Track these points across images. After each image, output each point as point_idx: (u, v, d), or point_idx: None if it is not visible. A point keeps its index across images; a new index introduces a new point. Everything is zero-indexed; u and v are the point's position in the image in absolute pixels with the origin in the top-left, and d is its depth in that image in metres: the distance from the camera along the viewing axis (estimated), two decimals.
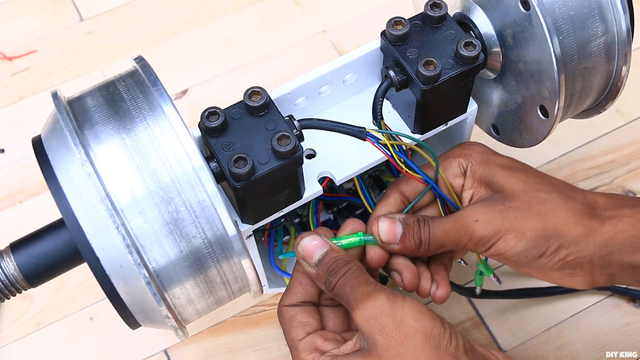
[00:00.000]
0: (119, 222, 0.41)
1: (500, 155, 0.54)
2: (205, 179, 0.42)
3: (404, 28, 0.50)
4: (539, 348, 0.65)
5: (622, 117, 0.77)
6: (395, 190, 0.53)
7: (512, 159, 0.54)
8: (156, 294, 0.42)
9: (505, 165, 0.52)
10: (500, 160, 0.53)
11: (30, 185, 0.75)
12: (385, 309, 0.45)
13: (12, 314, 0.68)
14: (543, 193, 0.50)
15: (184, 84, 0.82)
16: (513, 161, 0.53)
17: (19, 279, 0.46)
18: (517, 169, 0.52)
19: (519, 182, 0.50)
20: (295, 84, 0.52)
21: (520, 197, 0.49)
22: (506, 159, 0.53)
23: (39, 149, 0.45)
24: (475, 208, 0.50)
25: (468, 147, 0.54)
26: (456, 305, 0.67)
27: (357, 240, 0.50)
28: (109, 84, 0.46)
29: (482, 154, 0.53)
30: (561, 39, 0.47)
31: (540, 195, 0.49)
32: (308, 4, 0.87)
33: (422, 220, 0.51)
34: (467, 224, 0.49)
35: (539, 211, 0.49)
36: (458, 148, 0.54)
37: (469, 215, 0.50)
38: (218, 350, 0.66)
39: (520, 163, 0.53)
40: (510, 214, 0.49)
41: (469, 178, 0.52)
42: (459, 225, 0.50)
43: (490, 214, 0.49)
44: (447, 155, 0.54)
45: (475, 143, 0.54)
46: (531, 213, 0.49)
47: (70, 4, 0.88)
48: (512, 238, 0.49)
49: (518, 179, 0.51)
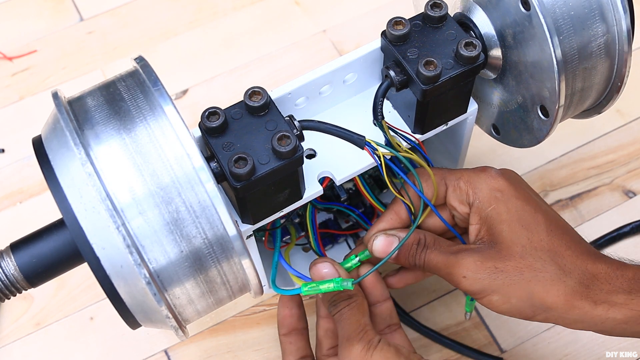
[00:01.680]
0: (120, 222, 0.41)
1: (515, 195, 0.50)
2: (206, 179, 0.42)
3: (404, 28, 0.50)
4: (539, 348, 0.65)
5: (622, 117, 0.77)
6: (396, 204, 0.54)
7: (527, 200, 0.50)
8: (156, 294, 0.42)
9: (516, 215, 0.50)
10: (513, 205, 0.50)
11: (30, 185, 0.75)
12: (358, 358, 0.50)
13: (12, 314, 0.68)
14: (539, 263, 0.48)
15: (184, 84, 0.82)
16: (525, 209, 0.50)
17: (19, 279, 0.46)
18: (525, 224, 0.49)
19: (520, 243, 0.49)
20: (296, 84, 0.52)
21: (515, 261, 0.48)
22: (519, 204, 0.50)
23: (39, 149, 0.45)
24: (466, 263, 0.49)
25: (485, 178, 0.51)
26: (456, 306, 0.67)
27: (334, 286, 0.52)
28: (109, 84, 0.46)
29: (494, 191, 0.50)
30: (561, 39, 0.47)
31: (536, 264, 0.48)
32: (308, 4, 0.87)
33: (422, 245, 0.52)
34: (456, 275, 0.50)
35: (530, 281, 0.48)
36: (475, 174, 0.52)
37: (459, 266, 0.49)
38: (218, 350, 0.66)
39: (532, 213, 0.50)
40: (499, 277, 0.48)
41: (474, 214, 0.51)
42: (448, 272, 0.50)
43: (479, 274, 0.49)
44: (461, 175, 0.52)
45: (497, 175, 0.51)
46: (521, 281, 0.48)
47: (70, 4, 0.88)
48: (497, 300, 0.49)
49: (521, 238, 0.49)
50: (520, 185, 0.52)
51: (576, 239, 0.50)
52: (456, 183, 0.52)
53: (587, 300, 0.48)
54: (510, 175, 0.52)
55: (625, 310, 0.47)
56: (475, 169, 0.53)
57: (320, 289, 0.52)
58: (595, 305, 0.48)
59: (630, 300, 0.47)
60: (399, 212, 0.54)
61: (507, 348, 0.65)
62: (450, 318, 0.67)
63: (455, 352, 0.65)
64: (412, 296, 0.68)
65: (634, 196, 0.72)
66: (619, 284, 0.48)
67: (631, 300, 0.47)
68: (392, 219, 0.54)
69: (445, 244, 0.52)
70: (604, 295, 0.48)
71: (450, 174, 0.53)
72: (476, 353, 0.64)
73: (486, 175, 0.51)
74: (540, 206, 0.50)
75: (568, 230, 0.51)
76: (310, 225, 0.57)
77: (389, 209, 0.54)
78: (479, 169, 0.52)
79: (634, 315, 0.48)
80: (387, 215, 0.54)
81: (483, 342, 0.65)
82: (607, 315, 0.48)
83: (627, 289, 0.48)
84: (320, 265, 0.53)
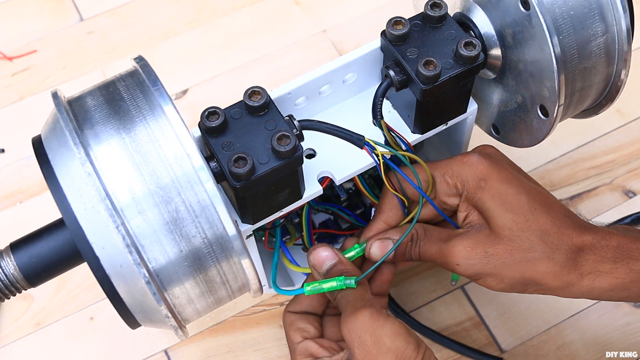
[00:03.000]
0: (119, 222, 0.41)
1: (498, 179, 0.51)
2: (205, 179, 0.42)
3: (404, 28, 0.50)
4: (539, 348, 0.65)
5: (622, 117, 0.77)
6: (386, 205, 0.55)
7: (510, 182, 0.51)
8: (156, 294, 0.42)
9: (499, 200, 0.51)
10: (496, 190, 0.51)
11: (30, 185, 0.75)
12: (366, 325, 0.49)
13: (12, 314, 0.68)
14: (527, 243, 0.50)
15: (184, 84, 0.82)
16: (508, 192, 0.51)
17: (19, 278, 0.46)
18: (509, 207, 0.51)
19: (506, 226, 0.50)
20: (295, 84, 0.52)
21: (504, 244, 0.50)
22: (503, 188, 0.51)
23: (39, 148, 0.45)
24: (458, 251, 0.51)
25: (469, 167, 0.52)
26: (456, 305, 0.67)
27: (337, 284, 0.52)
28: (109, 83, 0.46)
29: (479, 181, 0.51)
30: (561, 38, 0.47)
31: (523, 245, 0.50)
32: (308, 4, 0.87)
33: (415, 239, 0.53)
34: (450, 263, 0.52)
35: (519, 262, 0.50)
36: (458, 166, 0.52)
37: (452, 255, 0.51)
38: (218, 350, 0.66)
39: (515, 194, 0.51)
40: (490, 261, 0.50)
41: (463, 203, 0.53)
42: (443, 261, 0.52)
43: (471, 259, 0.51)
44: (445, 170, 0.53)
45: (478, 162, 0.52)
46: (512, 263, 0.50)
47: (70, 4, 0.88)
48: (491, 280, 0.51)
49: (506, 222, 0.50)
50: (502, 165, 0.52)
51: (561, 213, 0.52)
52: (442, 179, 0.53)
53: (575, 273, 0.50)
54: (492, 156, 0.53)
55: (611, 279, 0.50)
56: (457, 158, 0.53)
57: (323, 287, 0.52)
58: (582, 276, 0.50)
59: (615, 269, 0.50)
60: (389, 214, 0.55)
61: (507, 348, 0.65)
62: (450, 318, 0.67)
63: (455, 352, 0.65)
64: (412, 296, 0.68)
65: (634, 196, 0.72)
66: (604, 254, 0.50)
67: (616, 269, 0.50)
68: (381, 228, 0.55)
69: (435, 233, 0.53)
70: (591, 266, 0.50)
71: (435, 169, 0.53)
72: (476, 353, 0.64)
73: (469, 166, 0.52)
74: (522, 186, 0.51)
75: (552, 205, 0.52)
76: (305, 224, 0.57)
77: (379, 212, 0.55)
78: (461, 159, 0.53)
79: (618, 283, 0.50)
80: (378, 218, 0.55)
81: (483, 342, 0.65)
82: (594, 285, 0.50)
83: (612, 258, 0.50)
84: (320, 249, 0.53)
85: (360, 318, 0.49)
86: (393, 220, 0.55)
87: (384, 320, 0.49)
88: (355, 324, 0.49)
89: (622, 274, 0.50)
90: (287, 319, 0.55)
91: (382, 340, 0.48)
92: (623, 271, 0.50)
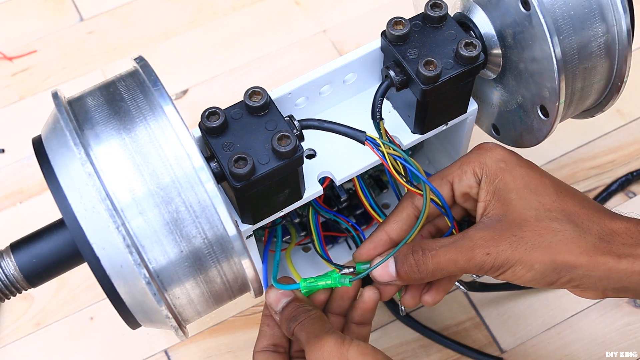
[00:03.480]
0: (119, 222, 0.41)
1: (518, 163, 0.50)
2: (206, 179, 0.42)
3: (404, 28, 0.50)
4: (539, 348, 0.65)
5: (622, 117, 0.77)
6: (410, 204, 0.52)
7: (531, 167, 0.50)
8: (156, 294, 0.42)
9: (522, 181, 0.49)
10: (518, 172, 0.49)
11: (30, 185, 0.75)
12: (333, 351, 0.48)
13: (12, 314, 0.68)
14: (556, 223, 0.47)
15: (184, 84, 0.82)
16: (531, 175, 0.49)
17: (19, 279, 0.46)
18: (533, 189, 0.48)
19: (532, 207, 0.48)
20: (296, 84, 0.52)
21: (532, 226, 0.47)
22: (524, 171, 0.49)
23: (39, 149, 0.45)
24: (485, 240, 0.47)
25: (485, 152, 0.50)
26: (456, 305, 0.67)
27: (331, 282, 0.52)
28: (109, 84, 0.46)
29: (498, 162, 0.50)
30: (561, 39, 0.47)
31: (552, 225, 0.47)
32: (308, 4, 0.87)
33: (418, 250, 0.49)
34: (477, 256, 0.47)
35: (550, 243, 0.47)
36: (475, 153, 0.51)
37: (479, 246, 0.47)
38: (218, 350, 0.66)
39: (538, 177, 0.49)
40: (520, 245, 0.47)
41: (482, 190, 0.50)
42: (468, 257, 0.48)
43: (501, 246, 0.47)
44: (463, 161, 0.51)
45: (494, 147, 0.51)
46: (542, 245, 0.47)
47: (70, 4, 0.88)
48: (520, 269, 0.47)
49: (532, 202, 0.48)
50: (518, 155, 0.51)
51: (588, 199, 0.49)
52: (460, 170, 0.51)
53: (611, 255, 0.46)
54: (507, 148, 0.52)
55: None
56: (471, 151, 0.52)
57: (318, 285, 0.52)
58: (620, 259, 0.46)
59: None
60: (393, 226, 0.52)
61: (507, 348, 0.65)
62: (450, 318, 0.67)
63: (455, 352, 0.65)
64: None
65: (634, 196, 0.72)
66: (639, 237, 0.47)
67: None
68: (382, 239, 0.52)
69: (444, 239, 0.49)
70: (627, 249, 0.47)
71: (450, 168, 0.51)
72: (476, 353, 0.64)
73: (485, 150, 0.51)
74: (544, 172, 0.50)
75: (577, 193, 0.50)
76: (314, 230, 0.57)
77: (385, 221, 0.53)
78: (476, 149, 0.51)
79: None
80: (382, 228, 0.52)
81: (483, 342, 0.65)
82: (633, 268, 0.46)
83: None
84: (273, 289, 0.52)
85: (326, 345, 0.48)
86: (395, 233, 0.52)
87: (348, 344, 0.48)
88: (321, 352, 0.48)
89: None
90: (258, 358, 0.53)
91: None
92: None
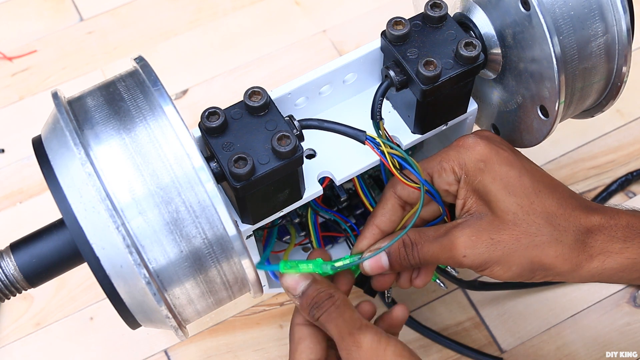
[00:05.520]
0: (119, 222, 0.41)
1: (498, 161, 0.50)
2: (205, 179, 0.42)
3: (404, 28, 0.50)
4: (539, 348, 0.65)
5: (622, 117, 0.77)
6: (393, 195, 0.52)
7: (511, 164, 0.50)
8: (156, 294, 0.42)
9: (501, 183, 0.49)
10: (497, 173, 0.49)
11: (30, 185, 0.75)
12: (370, 351, 0.47)
13: (12, 314, 0.68)
14: (533, 227, 0.48)
15: (184, 84, 0.82)
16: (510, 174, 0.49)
17: (19, 279, 0.46)
18: (511, 190, 0.49)
19: (510, 210, 0.48)
20: (295, 84, 0.52)
21: (509, 229, 0.48)
22: (504, 170, 0.49)
23: (39, 149, 0.45)
24: (462, 241, 0.49)
25: (465, 151, 0.50)
26: (456, 306, 0.67)
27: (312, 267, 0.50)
28: (109, 84, 0.46)
29: (477, 162, 0.50)
30: (561, 39, 0.47)
31: (530, 229, 0.48)
32: (308, 4, 0.87)
33: (409, 244, 0.51)
34: (456, 256, 0.49)
35: (527, 247, 0.48)
36: (455, 150, 0.51)
37: (456, 247, 0.49)
38: (218, 350, 0.66)
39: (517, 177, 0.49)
40: (498, 248, 0.48)
41: (462, 189, 0.50)
42: (447, 255, 0.50)
43: (478, 248, 0.48)
44: (443, 158, 0.51)
45: (474, 143, 0.50)
46: (519, 249, 0.48)
47: (70, 4, 0.88)
48: (498, 269, 0.49)
49: (510, 205, 0.48)
50: (501, 147, 0.50)
51: (566, 194, 0.50)
52: (439, 167, 0.51)
53: (584, 255, 0.48)
54: (489, 138, 0.51)
55: (621, 259, 0.48)
56: (452, 144, 0.51)
57: (299, 267, 0.50)
58: (592, 258, 0.48)
59: (626, 249, 0.48)
60: (382, 219, 0.53)
61: (507, 348, 0.65)
62: (450, 318, 0.67)
63: (455, 352, 0.65)
64: (412, 296, 0.68)
65: (634, 196, 0.72)
66: (614, 233, 0.48)
67: (626, 249, 0.48)
68: (374, 233, 0.52)
69: (431, 232, 0.51)
70: (600, 246, 0.48)
71: (430, 161, 0.51)
72: (476, 353, 0.64)
73: (466, 148, 0.50)
74: (524, 167, 0.50)
75: (557, 187, 0.50)
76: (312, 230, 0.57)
77: (381, 204, 0.53)
78: (457, 143, 0.51)
79: (629, 264, 0.48)
80: (371, 223, 0.53)
81: (483, 342, 0.65)
82: (604, 266, 0.48)
83: (622, 238, 0.48)
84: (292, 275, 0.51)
85: (364, 344, 0.47)
86: (386, 225, 0.52)
87: (385, 343, 0.47)
88: (359, 351, 0.47)
89: (632, 253, 0.48)
90: (295, 334, 0.52)
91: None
92: (634, 250, 0.48)
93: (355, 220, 0.63)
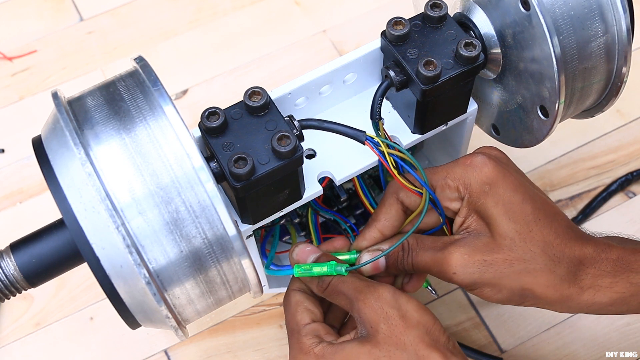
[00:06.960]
0: (119, 222, 0.41)
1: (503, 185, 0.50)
2: (205, 179, 0.42)
3: (404, 28, 0.50)
4: (539, 348, 0.65)
5: (622, 117, 0.77)
6: (396, 201, 0.52)
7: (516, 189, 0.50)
8: (156, 294, 0.42)
9: (503, 208, 0.49)
10: (500, 197, 0.49)
11: (30, 185, 0.75)
12: (391, 300, 0.48)
13: (12, 314, 0.68)
14: (528, 255, 0.48)
15: (184, 84, 0.82)
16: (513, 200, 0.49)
17: (19, 279, 0.46)
18: (512, 216, 0.49)
19: (507, 235, 0.49)
20: (295, 84, 0.52)
21: (504, 253, 0.49)
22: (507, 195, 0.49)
23: (39, 149, 0.45)
24: (455, 259, 0.49)
25: (472, 172, 0.50)
26: (456, 305, 0.67)
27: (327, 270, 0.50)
28: (109, 84, 0.46)
29: (482, 185, 0.50)
30: (561, 39, 0.47)
31: (525, 256, 0.48)
32: (308, 4, 0.87)
33: (406, 249, 0.51)
34: (446, 272, 0.50)
35: (519, 273, 0.49)
36: (461, 169, 0.51)
37: (448, 264, 0.49)
38: (218, 350, 0.66)
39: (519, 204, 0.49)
40: (489, 270, 0.49)
41: (464, 207, 0.50)
42: (438, 269, 0.50)
43: (469, 267, 0.49)
44: (449, 174, 0.51)
45: (483, 164, 0.50)
46: (511, 274, 0.49)
47: (70, 4, 0.88)
48: (488, 291, 0.50)
49: (508, 231, 0.49)
50: (508, 171, 0.51)
51: (564, 224, 0.50)
52: (444, 182, 0.51)
53: (575, 287, 0.49)
54: (498, 159, 0.51)
55: (611, 294, 0.49)
56: (460, 161, 0.51)
57: (313, 271, 0.50)
58: (582, 291, 0.49)
59: (615, 284, 0.49)
60: (385, 223, 0.52)
61: (507, 348, 0.65)
62: (450, 318, 0.67)
63: None
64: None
65: (633, 196, 0.72)
66: (604, 267, 0.49)
67: (616, 284, 0.49)
68: (375, 237, 0.52)
69: (429, 242, 0.51)
70: (590, 280, 0.49)
71: (435, 174, 0.51)
72: (476, 353, 0.64)
73: (473, 168, 0.50)
74: (528, 194, 0.50)
75: (556, 216, 0.50)
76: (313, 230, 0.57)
77: (374, 219, 0.53)
78: (465, 161, 0.51)
79: (618, 298, 0.49)
80: (373, 226, 0.53)
81: (483, 342, 0.65)
82: (594, 299, 0.49)
83: (611, 272, 0.49)
84: (302, 244, 0.52)
85: (383, 294, 0.47)
86: (388, 230, 0.52)
87: (406, 296, 0.48)
88: (377, 300, 0.47)
89: (621, 288, 0.49)
90: (292, 298, 0.52)
91: (410, 314, 0.47)
92: (623, 285, 0.49)
93: (355, 221, 0.63)
